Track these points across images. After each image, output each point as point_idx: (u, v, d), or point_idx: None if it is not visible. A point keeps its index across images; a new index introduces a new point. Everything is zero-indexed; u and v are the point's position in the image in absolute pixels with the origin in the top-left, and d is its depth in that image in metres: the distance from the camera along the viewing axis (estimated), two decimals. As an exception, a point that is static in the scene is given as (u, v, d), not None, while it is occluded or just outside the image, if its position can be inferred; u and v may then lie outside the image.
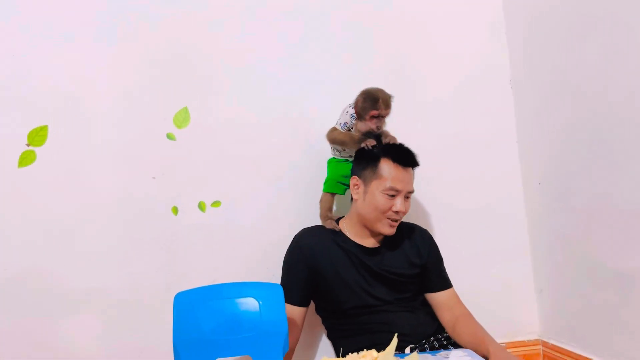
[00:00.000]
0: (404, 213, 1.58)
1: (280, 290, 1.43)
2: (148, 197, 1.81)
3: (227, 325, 1.38)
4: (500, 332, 1.89)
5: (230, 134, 1.88)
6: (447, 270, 1.73)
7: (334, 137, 1.68)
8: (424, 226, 1.80)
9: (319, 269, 1.61)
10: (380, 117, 1.59)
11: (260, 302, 1.42)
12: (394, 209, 1.55)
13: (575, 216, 1.77)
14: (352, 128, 1.66)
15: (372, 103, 1.57)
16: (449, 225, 2.01)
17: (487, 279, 2.00)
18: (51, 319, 1.72)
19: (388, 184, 1.54)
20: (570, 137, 1.77)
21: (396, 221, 1.58)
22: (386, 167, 1.56)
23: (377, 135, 1.60)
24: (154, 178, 1.82)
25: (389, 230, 1.58)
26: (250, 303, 1.42)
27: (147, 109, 1.84)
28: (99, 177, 1.78)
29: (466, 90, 2.06)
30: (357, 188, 1.62)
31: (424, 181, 1.87)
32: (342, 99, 1.71)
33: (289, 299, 1.58)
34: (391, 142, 1.58)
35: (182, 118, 1.85)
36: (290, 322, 1.60)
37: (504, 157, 2.07)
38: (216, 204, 1.85)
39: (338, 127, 1.67)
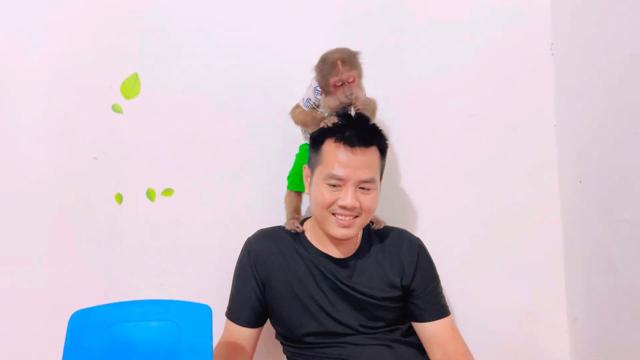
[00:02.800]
0: (361, 209, 1.22)
1: (208, 313, 1.12)
2: (87, 181, 1.53)
3: (134, 357, 1.09)
4: (521, 369, 1.62)
5: (188, 108, 1.56)
6: (454, 291, 1.46)
7: (294, 118, 1.37)
8: (423, 233, 1.45)
9: (271, 282, 1.29)
10: (347, 84, 1.26)
11: (180, 328, 1.13)
12: (340, 203, 1.20)
13: (623, 228, 1.37)
14: (318, 105, 1.33)
15: (330, 68, 1.25)
16: (459, 233, 1.62)
17: (508, 303, 1.63)
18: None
19: (328, 171, 1.20)
20: (624, 123, 1.37)
21: (348, 218, 1.22)
22: (327, 149, 1.22)
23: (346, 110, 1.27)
24: (95, 158, 1.54)
25: (338, 231, 1.23)
26: (166, 328, 1.12)
27: (88, 75, 1.54)
28: (27, 157, 1.51)
29: (490, 56, 1.63)
30: (308, 179, 1.30)
31: (429, 175, 1.62)
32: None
33: (236, 318, 1.31)
34: (360, 110, 1.26)
35: (130, 86, 1.55)
36: (236, 347, 1.30)
37: (537, 146, 1.64)
38: (168, 192, 1.55)
39: (301, 104, 1.36)
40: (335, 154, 1.20)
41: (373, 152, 1.23)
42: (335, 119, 1.24)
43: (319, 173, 1.23)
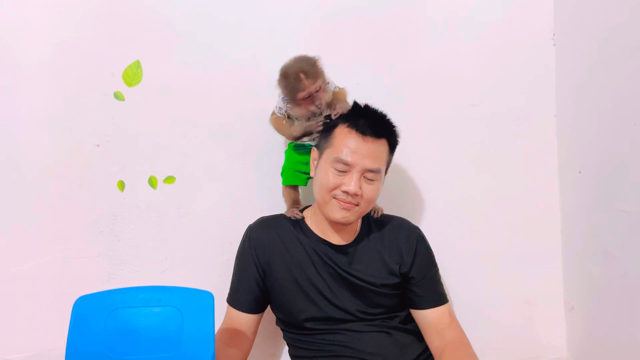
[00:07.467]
0: (363, 197, 1.23)
1: (210, 299, 1.13)
2: (89, 168, 1.52)
3: (137, 343, 1.10)
4: (519, 357, 1.63)
5: (190, 95, 1.56)
6: (452, 279, 1.44)
7: (272, 124, 1.41)
8: (423, 222, 1.47)
9: (271, 268, 1.30)
10: (314, 94, 1.26)
11: (183, 313, 1.13)
12: (344, 188, 1.21)
13: (622, 219, 1.36)
14: (289, 115, 1.36)
15: (294, 83, 1.25)
16: (458, 222, 1.62)
17: (506, 291, 1.63)
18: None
19: (336, 155, 1.21)
20: (624, 114, 1.35)
21: (350, 204, 1.23)
22: (339, 133, 1.23)
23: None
24: (97, 146, 1.53)
25: (339, 214, 1.23)
26: (169, 314, 1.13)
27: (91, 62, 1.52)
28: (30, 144, 1.50)
29: (491, 46, 1.63)
30: (315, 162, 1.31)
31: (429, 164, 1.61)
32: (327, 55, 1.36)
33: (236, 304, 1.32)
34: (341, 112, 1.27)
35: (132, 74, 1.54)
36: (237, 333, 1.31)
37: (537, 136, 1.64)
38: (170, 179, 1.55)
39: (276, 112, 1.38)
40: (345, 139, 1.21)
41: (382, 144, 1.24)
42: (319, 127, 1.28)
43: (327, 156, 1.24)
